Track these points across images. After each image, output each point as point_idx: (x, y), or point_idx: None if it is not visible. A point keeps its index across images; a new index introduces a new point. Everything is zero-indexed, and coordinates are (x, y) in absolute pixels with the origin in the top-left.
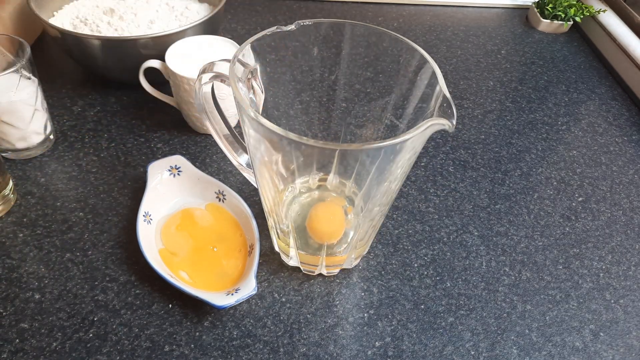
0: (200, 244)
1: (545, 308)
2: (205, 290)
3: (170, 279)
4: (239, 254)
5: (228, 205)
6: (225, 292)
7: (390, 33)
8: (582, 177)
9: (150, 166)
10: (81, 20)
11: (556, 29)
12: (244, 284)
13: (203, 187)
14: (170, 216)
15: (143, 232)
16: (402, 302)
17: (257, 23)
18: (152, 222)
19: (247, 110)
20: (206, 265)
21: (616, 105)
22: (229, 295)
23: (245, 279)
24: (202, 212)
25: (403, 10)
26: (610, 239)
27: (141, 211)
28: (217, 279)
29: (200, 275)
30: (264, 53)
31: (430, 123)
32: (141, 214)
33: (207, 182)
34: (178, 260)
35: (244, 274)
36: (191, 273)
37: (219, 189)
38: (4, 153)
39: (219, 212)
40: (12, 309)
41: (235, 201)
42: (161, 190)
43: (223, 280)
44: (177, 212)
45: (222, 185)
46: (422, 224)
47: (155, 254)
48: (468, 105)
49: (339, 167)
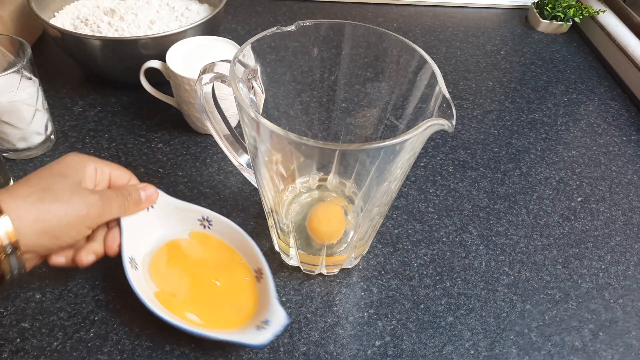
0: (198, 279)
1: (545, 308)
2: (225, 330)
3: (189, 327)
4: (247, 282)
5: (216, 232)
6: (253, 327)
7: (390, 33)
8: (581, 177)
9: None
10: (82, 20)
11: (555, 29)
12: (268, 313)
13: (183, 216)
14: (154, 253)
15: (136, 280)
16: (402, 301)
17: (257, 23)
18: (138, 266)
19: (247, 110)
20: (214, 302)
21: (615, 105)
22: (261, 330)
23: (266, 307)
24: (189, 241)
25: (403, 11)
26: (610, 238)
27: (125, 258)
28: (232, 315)
29: (211, 314)
30: (264, 53)
31: (430, 123)
32: (127, 262)
33: (186, 210)
34: (179, 301)
35: (262, 303)
36: (200, 313)
37: (203, 215)
38: (5, 153)
39: (207, 240)
40: (13, 309)
41: (224, 226)
42: (137, 229)
43: (240, 314)
44: (162, 247)
45: (205, 210)
46: (421, 224)
47: (152, 298)
48: (467, 106)
49: (339, 167)
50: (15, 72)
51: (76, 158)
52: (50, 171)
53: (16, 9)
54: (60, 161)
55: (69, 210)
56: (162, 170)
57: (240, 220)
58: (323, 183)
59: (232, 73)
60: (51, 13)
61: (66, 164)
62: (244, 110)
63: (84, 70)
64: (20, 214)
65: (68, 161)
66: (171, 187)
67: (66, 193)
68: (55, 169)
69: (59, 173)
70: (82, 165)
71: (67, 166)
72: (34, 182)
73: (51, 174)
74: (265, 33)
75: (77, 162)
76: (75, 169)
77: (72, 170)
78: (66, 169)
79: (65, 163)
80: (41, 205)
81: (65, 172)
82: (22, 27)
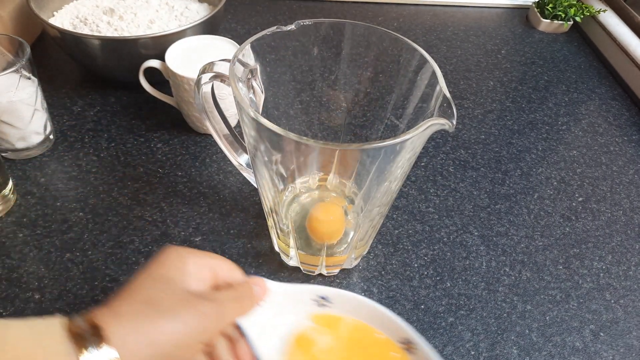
0: None
1: (546, 308)
2: None
3: None
4: (396, 358)
5: (339, 309)
6: None
7: (391, 33)
8: (582, 177)
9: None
10: (81, 20)
11: (556, 28)
12: None
13: (296, 299)
14: (287, 354)
15: None
16: (402, 302)
17: (257, 23)
18: None
19: (247, 110)
20: None
21: (616, 105)
22: None
23: None
24: (315, 329)
25: (403, 10)
26: (611, 239)
27: None
28: None
29: None
30: (263, 53)
31: (431, 123)
32: None
33: (298, 292)
34: None
35: None
36: None
37: (317, 295)
38: (4, 153)
39: (333, 322)
40: (12, 309)
41: (345, 300)
42: (258, 330)
43: None
44: (292, 344)
45: (317, 288)
46: (422, 224)
47: None
48: (468, 105)
49: (339, 167)
50: (14, 72)
51: (174, 253)
52: (151, 276)
53: (15, 9)
54: (159, 261)
55: (179, 327)
56: (162, 170)
57: (240, 220)
58: (323, 183)
59: (231, 72)
60: (50, 12)
61: (166, 263)
62: (243, 110)
63: (83, 70)
64: (125, 339)
65: (167, 259)
66: (170, 187)
67: (174, 304)
68: (155, 272)
69: (160, 277)
70: (182, 262)
71: (168, 267)
72: (135, 292)
73: (152, 279)
74: (265, 32)
75: (177, 258)
76: (176, 268)
77: (174, 270)
78: (167, 270)
79: (165, 263)
80: (149, 325)
81: (167, 274)
82: (21, 27)
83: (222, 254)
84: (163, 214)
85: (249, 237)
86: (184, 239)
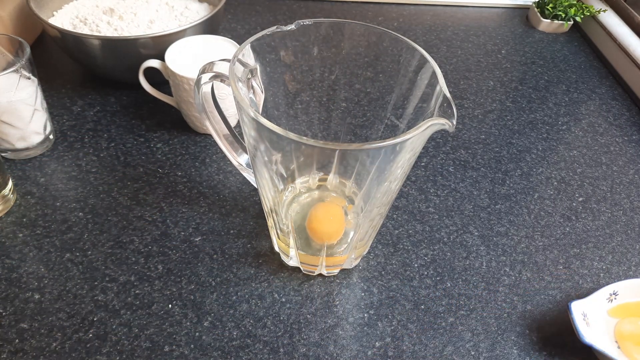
0: None
1: (546, 308)
2: None
3: None
4: None
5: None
6: None
7: (390, 33)
8: (582, 177)
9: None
10: (81, 20)
11: (556, 28)
12: None
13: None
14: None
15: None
16: (402, 302)
17: (257, 23)
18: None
19: (247, 110)
20: None
21: (616, 105)
22: None
23: None
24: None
25: (403, 10)
26: (611, 239)
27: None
28: None
29: None
30: (263, 53)
31: (431, 123)
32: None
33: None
34: None
35: None
36: None
37: (608, 292)
38: (4, 153)
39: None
40: (12, 309)
41: (627, 287)
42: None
43: None
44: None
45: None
46: (422, 224)
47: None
48: (468, 105)
49: (339, 167)
50: (14, 72)
51: None
52: None
53: (15, 9)
54: None
55: None
56: (161, 170)
57: (240, 220)
58: (323, 183)
59: (231, 72)
60: (50, 12)
61: None
62: (243, 110)
63: (83, 70)
64: None
65: None
66: (170, 187)
67: None
68: None
69: None
70: None
71: None
72: None
73: None
74: (265, 32)
75: None
76: None
77: None
78: None
79: None
80: None
81: None
82: (21, 27)
83: (222, 254)
84: (163, 214)
85: (249, 237)
86: (184, 239)
